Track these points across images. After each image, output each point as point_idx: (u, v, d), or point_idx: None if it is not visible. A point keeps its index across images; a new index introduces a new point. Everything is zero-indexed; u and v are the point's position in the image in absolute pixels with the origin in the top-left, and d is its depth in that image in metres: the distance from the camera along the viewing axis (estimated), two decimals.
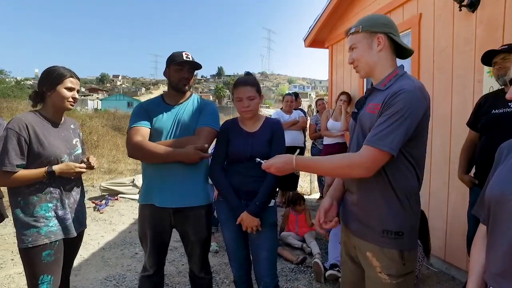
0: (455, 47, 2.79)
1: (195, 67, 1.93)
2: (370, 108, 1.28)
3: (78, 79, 1.78)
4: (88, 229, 1.96)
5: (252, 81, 1.88)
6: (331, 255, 2.96)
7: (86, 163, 1.77)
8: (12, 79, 24.46)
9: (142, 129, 1.83)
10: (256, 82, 1.89)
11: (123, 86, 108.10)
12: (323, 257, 3.14)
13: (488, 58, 2.09)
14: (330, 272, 2.72)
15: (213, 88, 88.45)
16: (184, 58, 1.84)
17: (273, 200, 1.90)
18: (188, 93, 1.98)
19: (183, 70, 1.88)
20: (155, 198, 1.83)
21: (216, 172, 1.91)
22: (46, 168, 1.61)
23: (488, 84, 2.45)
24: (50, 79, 1.67)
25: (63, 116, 1.82)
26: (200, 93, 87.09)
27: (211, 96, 76.71)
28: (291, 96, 5.02)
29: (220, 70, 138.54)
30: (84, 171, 1.74)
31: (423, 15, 3.17)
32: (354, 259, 1.41)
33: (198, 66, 1.92)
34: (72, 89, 1.72)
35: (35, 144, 1.60)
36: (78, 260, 3.12)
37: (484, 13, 2.52)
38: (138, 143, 1.76)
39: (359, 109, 1.39)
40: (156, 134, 1.85)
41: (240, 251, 1.95)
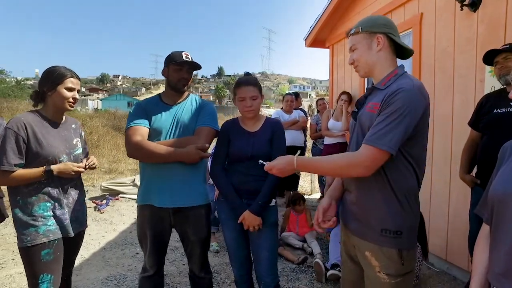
0: (457, 46, 2.78)
1: (194, 67, 1.92)
2: (369, 107, 1.29)
3: (79, 79, 1.78)
4: (88, 229, 1.96)
5: (254, 81, 1.90)
6: (332, 255, 2.95)
7: (85, 164, 1.77)
8: (12, 79, 24.50)
9: (141, 128, 1.82)
10: (258, 82, 1.91)
11: (123, 86, 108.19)
12: (324, 257, 3.14)
13: (490, 58, 2.08)
14: (332, 271, 2.72)
15: (213, 88, 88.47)
16: (183, 58, 1.83)
17: (273, 200, 1.90)
18: (186, 93, 1.98)
19: (183, 70, 1.87)
20: (155, 198, 1.83)
21: (217, 172, 1.91)
22: (44, 167, 1.61)
23: (490, 83, 2.44)
24: (51, 79, 1.67)
25: (64, 116, 1.82)
26: (200, 93, 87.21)
27: (211, 96, 76.72)
28: (291, 96, 5.02)
29: (220, 70, 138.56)
30: (82, 170, 1.74)
31: (424, 15, 3.16)
32: (354, 259, 1.41)
33: (197, 67, 1.92)
34: (72, 89, 1.72)
35: (33, 143, 1.60)
36: (79, 260, 3.12)
37: (486, 12, 2.52)
38: (138, 143, 1.75)
39: (359, 108, 1.39)
40: (155, 133, 1.84)
41: (240, 250, 1.95)
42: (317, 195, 5.85)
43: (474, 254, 1.08)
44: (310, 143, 5.76)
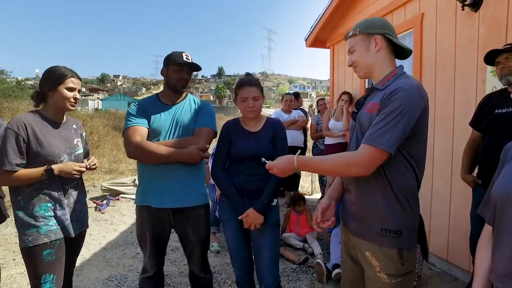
0: (458, 46, 2.78)
1: (194, 68, 1.92)
2: (369, 108, 1.30)
3: (80, 79, 1.78)
4: (89, 229, 1.96)
5: (256, 81, 1.91)
6: (333, 255, 2.95)
7: (86, 164, 1.77)
8: (13, 79, 24.50)
9: (140, 128, 1.81)
10: (259, 83, 1.93)
11: (124, 86, 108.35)
12: (325, 257, 3.14)
13: (491, 58, 2.08)
14: (337, 271, 2.71)
15: (213, 88, 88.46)
16: (184, 59, 1.83)
17: (275, 200, 1.91)
18: (184, 93, 1.97)
19: (183, 71, 1.87)
20: (155, 199, 1.82)
21: (218, 172, 1.92)
22: (44, 167, 1.60)
23: (491, 83, 2.44)
24: (52, 79, 1.67)
25: (65, 116, 1.81)
26: (201, 93, 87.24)
27: (211, 96, 76.73)
28: (290, 96, 5.01)
29: (221, 70, 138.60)
30: (84, 170, 1.74)
31: (425, 15, 3.16)
32: (354, 259, 1.42)
33: (197, 68, 1.92)
34: (73, 89, 1.71)
35: (34, 143, 1.60)
36: (80, 260, 3.12)
37: (487, 12, 2.51)
38: (139, 143, 1.75)
39: (358, 109, 1.40)
40: (154, 134, 1.83)
41: (242, 251, 1.95)
42: (317, 195, 5.85)
43: (476, 254, 1.08)
44: (310, 143, 5.75)
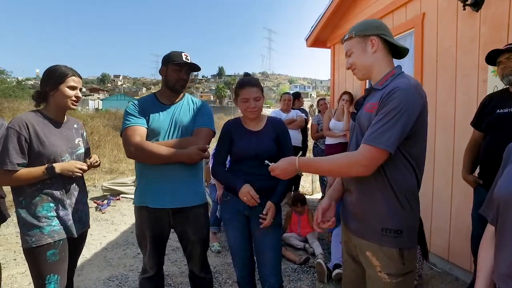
0: (459, 46, 2.78)
1: (193, 68, 1.91)
2: (368, 108, 1.30)
3: (81, 77, 1.77)
4: (90, 229, 1.96)
5: (257, 82, 1.91)
6: (334, 255, 2.95)
7: (90, 162, 1.77)
8: (13, 79, 24.49)
9: (139, 128, 1.80)
10: (260, 83, 1.93)
11: (124, 86, 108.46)
12: (326, 257, 3.14)
13: (493, 58, 2.07)
14: (338, 271, 2.71)
15: (213, 88, 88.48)
16: (183, 59, 1.83)
17: None
18: (182, 92, 1.97)
19: (182, 71, 1.86)
20: (154, 199, 1.82)
21: (218, 170, 1.94)
22: (46, 165, 1.60)
23: (493, 83, 2.44)
24: (53, 79, 1.66)
25: (66, 116, 1.81)
26: (201, 93, 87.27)
27: (211, 96, 76.75)
28: (288, 95, 5.00)
29: (221, 70, 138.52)
30: (85, 168, 1.73)
31: (426, 15, 3.16)
32: (355, 258, 1.42)
33: (196, 68, 1.91)
34: (74, 88, 1.71)
35: (35, 143, 1.59)
36: (81, 260, 3.11)
37: (488, 12, 2.51)
38: (139, 143, 1.74)
39: (358, 109, 1.41)
40: (153, 134, 1.83)
41: (244, 251, 1.95)
42: (318, 195, 5.84)
43: (479, 254, 1.08)
44: (311, 143, 5.75)
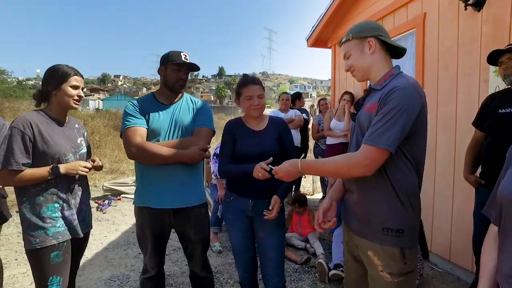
0: (460, 46, 2.77)
1: (192, 68, 1.91)
2: (367, 108, 1.31)
3: (82, 77, 1.77)
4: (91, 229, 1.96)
5: (259, 80, 1.93)
6: (335, 255, 2.95)
7: (92, 166, 1.76)
8: (14, 79, 24.51)
9: (140, 129, 1.79)
10: (261, 82, 1.95)
11: (124, 86, 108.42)
12: (327, 257, 3.13)
13: (494, 58, 2.07)
14: (334, 272, 2.71)
15: (214, 88, 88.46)
16: (182, 59, 1.83)
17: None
18: (181, 92, 1.98)
19: (181, 71, 1.86)
20: (155, 200, 1.81)
21: (227, 168, 1.89)
22: (50, 165, 1.59)
23: (494, 83, 2.44)
24: (55, 78, 1.65)
25: (67, 116, 1.80)
26: (201, 93, 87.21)
27: (212, 96, 76.76)
28: (287, 95, 5.00)
29: (221, 70, 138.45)
30: (90, 166, 1.73)
31: (427, 14, 3.15)
32: (357, 258, 1.42)
33: (196, 68, 1.91)
34: (77, 87, 1.70)
35: (40, 142, 1.58)
36: (82, 260, 3.07)
37: (490, 12, 2.51)
38: (140, 144, 1.73)
39: (357, 110, 1.42)
40: (153, 134, 1.82)
41: (246, 252, 1.95)
42: (319, 195, 5.84)
43: (482, 254, 1.08)
44: (312, 144, 5.74)
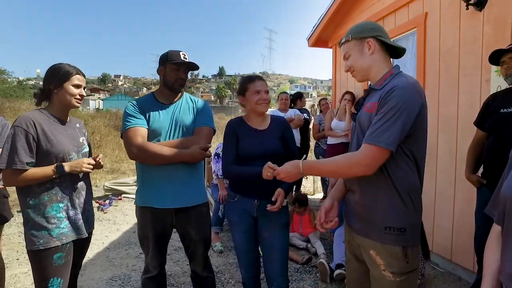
0: (462, 46, 2.77)
1: (191, 67, 1.91)
2: (367, 108, 1.32)
3: (84, 76, 1.77)
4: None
5: (263, 78, 1.98)
6: (336, 255, 2.95)
7: (96, 162, 1.75)
8: (14, 79, 24.51)
9: (140, 129, 1.78)
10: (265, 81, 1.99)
11: (125, 86, 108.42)
12: (328, 257, 3.13)
13: (496, 57, 2.07)
14: (339, 271, 2.71)
15: (214, 88, 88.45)
16: (181, 59, 1.83)
17: (285, 199, 1.89)
18: (181, 92, 1.98)
19: (180, 70, 1.86)
20: (157, 200, 1.81)
21: (231, 168, 1.86)
22: (55, 164, 1.58)
23: (496, 83, 2.43)
24: (57, 77, 1.65)
25: (68, 115, 1.80)
26: (202, 93, 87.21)
27: (212, 96, 76.78)
28: (285, 95, 5.00)
29: (221, 70, 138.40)
30: (93, 162, 1.72)
31: (428, 14, 3.15)
32: (359, 258, 1.43)
33: (195, 67, 1.91)
34: (79, 86, 1.70)
35: (43, 141, 1.57)
36: (83, 260, 3.11)
37: (492, 11, 2.51)
38: (141, 144, 1.73)
39: (358, 110, 1.43)
40: (153, 134, 1.82)
41: (250, 253, 1.95)
42: (319, 195, 5.84)
43: (485, 254, 1.08)
44: (313, 143, 5.74)
